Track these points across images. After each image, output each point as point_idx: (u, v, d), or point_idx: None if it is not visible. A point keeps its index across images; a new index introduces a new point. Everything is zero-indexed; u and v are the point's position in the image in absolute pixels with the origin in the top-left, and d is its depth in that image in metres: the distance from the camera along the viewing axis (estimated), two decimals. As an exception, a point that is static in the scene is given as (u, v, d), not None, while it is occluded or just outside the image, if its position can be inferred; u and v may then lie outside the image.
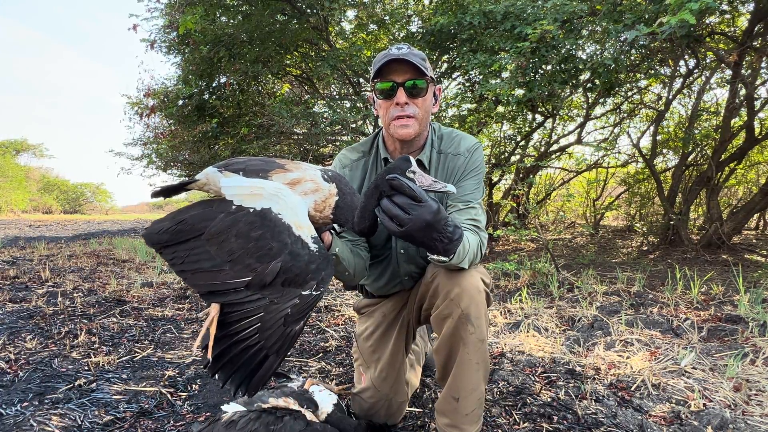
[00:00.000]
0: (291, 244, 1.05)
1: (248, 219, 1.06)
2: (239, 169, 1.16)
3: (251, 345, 1.03)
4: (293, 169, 1.19)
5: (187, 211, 1.11)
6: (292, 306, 1.04)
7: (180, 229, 1.08)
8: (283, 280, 1.03)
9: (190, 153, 7.31)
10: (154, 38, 6.33)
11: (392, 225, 1.11)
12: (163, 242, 1.08)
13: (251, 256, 1.03)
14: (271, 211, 1.07)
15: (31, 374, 2.03)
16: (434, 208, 1.10)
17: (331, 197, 1.20)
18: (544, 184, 8.60)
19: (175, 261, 1.06)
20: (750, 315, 2.75)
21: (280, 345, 1.04)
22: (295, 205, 1.11)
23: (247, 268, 1.03)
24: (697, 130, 6.06)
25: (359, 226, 1.19)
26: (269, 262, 1.03)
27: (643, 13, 3.74)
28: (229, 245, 1.04)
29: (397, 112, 1.40)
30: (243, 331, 1.03)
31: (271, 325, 1.03)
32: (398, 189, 1.10)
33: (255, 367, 1.03)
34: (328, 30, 5.95)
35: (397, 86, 1.38)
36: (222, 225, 1.05)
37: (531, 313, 3.08)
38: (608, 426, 1.65)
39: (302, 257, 1.05)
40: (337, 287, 4.08)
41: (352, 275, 1.44)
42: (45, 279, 4.12)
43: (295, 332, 1.05)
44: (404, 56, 1.34)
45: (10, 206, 23.55)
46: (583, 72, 4.72)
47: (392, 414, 1.65)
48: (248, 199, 1.08)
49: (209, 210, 1.09)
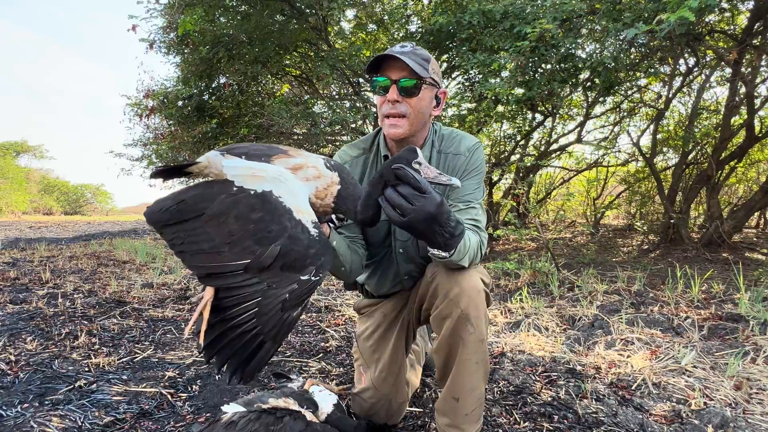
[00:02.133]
0: (291, 227, 1.04)
1: (249, 201, 1.04)
2: (242, 153, 1.15)
3: (248, 330, 1.01)
4: (296, 155, 1.18)
5: (188, 191, 1.09)
6: (290, 291, 1.02)
7: (180, 208, 1.06)
8: (282, 264, 1.02)
9: (190, 154, 7.31)
10: (153, 39, 6.34)
11: (395, 214, 1.10)
12: (163, 221, 1.06)
13: (250, 238, 1.02)
14: (272, 194, 1.06)
15: (31, 376, 2.03)
16: (438, 201, 1.10)
17: (333, 185, 1.18)
18: (545, 183, 8.60)
19: (175, 241, 1.05)
20: (750, 313, 2.74)
21: (277, 331, 1.02)
22: (296, 190, 1.10)
23: (246, 251, 1.02)
24: (697, 128, 6.06)
25: (363, 215, 1.18)
26: (268, 245, 1.01)
27: (643, 12, 3.74)
28: (228, 227, 1.03)
29: (388, 110, 1.39)
30: (239, 316, 1.02)
31: (268, 310, 1.01)
32: (403, 179, 1.10)
33: (251, 353, 1.02)
34: (327, 30, 5.94)
35: (392, 83, 1.37)
36: (222, 206, 1.04)
37: (531, 312, 3.08)
38: (609, 425, 1.65)
39: (302, 241, 1.03)
40: (338, 287, 4.08)
41: (348, 271, 1.44)
42: (45, 280, 4.12)
43: (293, 318, 1.04)
44: (401, 55, 1.33)
45: (10, 208, 23.56)
46: (582, 71, 4.71)
47: (392, 414, 1.65)
48: (250, 180, 1.07)
49: (210, 190, 1.07)
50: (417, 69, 1.34)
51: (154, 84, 7.62)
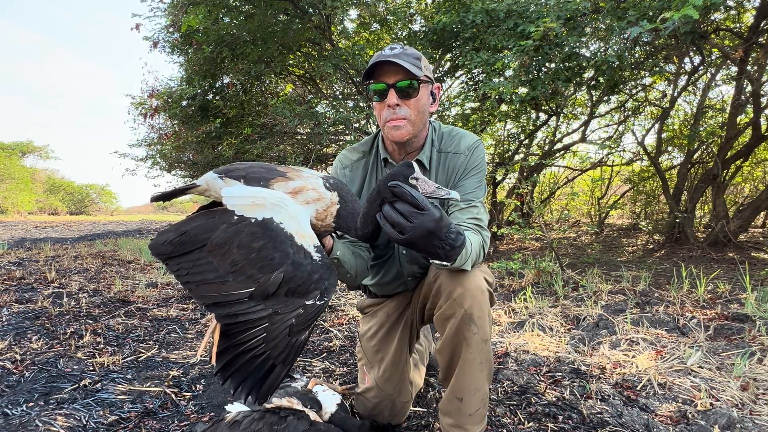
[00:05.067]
0: (293, 254, 1.05)
1: (250, 229, 1.05)
2: (240, 177, 1.15)
3: (258, 355, 1.03)
4: (295, 178, 1.18)
5: (189, 222, 1.11)
6: (296, 316, 1.03)
7: (183, 240, 1.08)
8: (286, 291, 1.03)
9: (194, 153, 7.34)
10: (157, 38, 6.36)
11: (393, 232, 1.09)
12: (167, 253, 1.08)
13: (253, 266, 1.03)
14: (273, 220, 1.07)
15: (36, 374, 2.04)
16: (436, 216, 1.08)
17: (333, 206, 1.19)
18: (549, 182, 8.56)
19: (180, 272, 1.07)
20: (757, 313, 2.72)
21: (287, 355, 1.04)
22: (297, 215, 1.10)
23: (250, 279, 1.03)
24: (702, 127, 6.02)
25: (362, 232, 1.18)
26: (271, 273, 1.03)
27: (647, 10, 3.72)
28: (231, 256, 1.04)
29: (390, 115, 1.38)
30: (249, 342, 1.03)
31: (276, 335, 1.03)
32: (400, 196, 1.09)
33: (263, 376, 1.03)
34: (330, 29, 5.95)
35: (389, 88, 1.36)
36: (224, 236, 1.05)
37: (535, 312, 3.07)
38: (614, 426, 1.64)
39: (305, 267, 1.04)
40: (341, 287, 4.08)
41: (353, 277, 1.43)
42: (51, 280, 4.14)
43: (301, 342, 1.05)
44: (393, 58, 1.32)
45: (16, 208, 23.73)
46: (586, 70, 4.69)
47: (396, 414, 1.64)
48: (250, 209, 1.08)
49: (211, 221, 1.09)
50: (412, 69, 1.33)
51: (158, 84, 7.66)
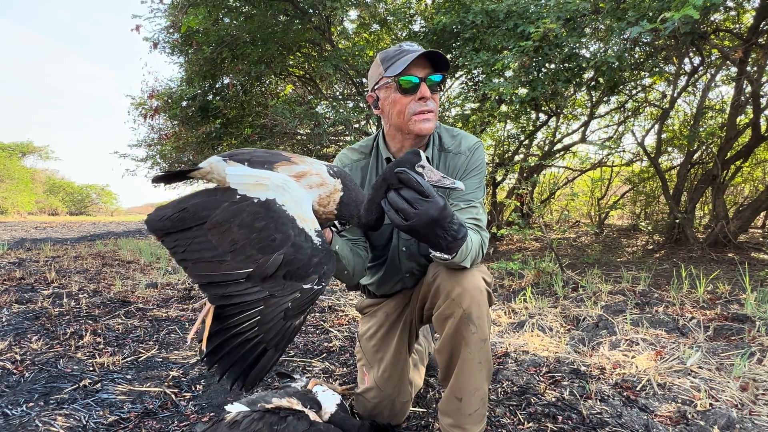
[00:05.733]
0: (294, 236, 1.03)
1: (252, 209, 1.04)
2: (244, 160, 1.15)
3: (250, 338, 1.01)
4: (299, 162, 1.18)
5: (189, 198, 1.08)
6: (292, 300, 1.02)
7: (182, 216, 1.05)
8: (285, 273, 1.01)
9: (194, 154, 7.33)
10: (157, 38, 6.36)
11: (397, 218, 1.10)
12: (164, 229, 1.06)
13: (253, 246, 1.01)
14: (276, 202, 1.06)
15: (36, 375, 2.04)
16: (441, 205, 1.09)
17: (335, 192, 1.18)
18: (548, 183, 8.55)
19: (177, 249, 1.04)
20: (757, 314, 2.72)
21: (280, 339, 1.02)
22: (299, 198, 1.09)
23: (249, 259, 1.01)
24: (702, 127, 6.02)
25: (366, 218, 1.18)
26: (271, 254, 1.01)
27: (647, 10, 3.72)
28: (231, 235, 1.02)
29: (420, 107, 1.37)
30: (242, 324, 1.01)
31: (270, 318, 1.01)
32: (406, 183, 1.09)
33: (253, 360, 1.01)
34: (330, 30, 5.95)
35: (420, 81, 1.36)
36: (225, 214, 1.03)
37: (535, 312, 3.07)
38: (613, 426, 1.64)
39: (305, 250, 1.03)
40: (341, 288, 4.08)
41: (351, 274, 1.43)
42: (51, 280, 4.14)
43: (295, 327, 1.03)
44: (432, 51, 1.33)
45: (16, 208, 23.72)
46: (586, 70, 4.69)
47: (396, 414, 1.64)
48: (253, 189, 1.06)
49: (213, 198, 1.07)
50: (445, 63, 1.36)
51: (159, 84, 7.67)
